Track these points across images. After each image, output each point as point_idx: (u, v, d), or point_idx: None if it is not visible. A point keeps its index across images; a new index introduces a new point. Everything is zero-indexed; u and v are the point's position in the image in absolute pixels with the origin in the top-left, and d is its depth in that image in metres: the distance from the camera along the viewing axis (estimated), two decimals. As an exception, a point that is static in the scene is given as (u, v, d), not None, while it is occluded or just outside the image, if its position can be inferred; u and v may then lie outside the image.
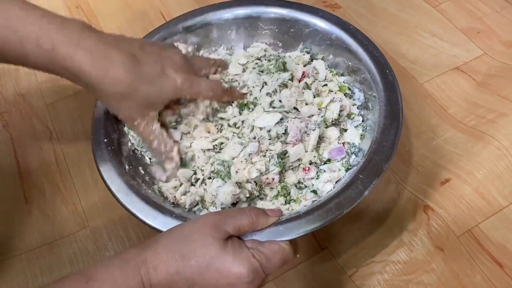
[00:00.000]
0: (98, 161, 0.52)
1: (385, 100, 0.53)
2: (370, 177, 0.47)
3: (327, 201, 0.47)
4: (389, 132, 0.51)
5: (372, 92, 0.56)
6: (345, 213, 0.46)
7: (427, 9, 0.78)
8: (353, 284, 0.53)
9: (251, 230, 0.44)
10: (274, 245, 0.43)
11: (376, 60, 0.57)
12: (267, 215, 0.45)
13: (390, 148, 0.49)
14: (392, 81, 0.55)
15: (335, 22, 0.61)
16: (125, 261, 0.39)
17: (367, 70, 0.57)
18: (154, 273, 0.39)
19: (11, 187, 0.64)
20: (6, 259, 0.58)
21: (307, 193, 0.52)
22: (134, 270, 0.38)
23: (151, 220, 0.47)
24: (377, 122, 0.53)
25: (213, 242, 0.40)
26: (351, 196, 0.46)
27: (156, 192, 0.53)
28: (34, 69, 0.48)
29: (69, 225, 0.60)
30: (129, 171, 0.53)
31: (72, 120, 0.70)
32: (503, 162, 0.60)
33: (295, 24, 0.63)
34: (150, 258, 0.39)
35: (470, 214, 0.56)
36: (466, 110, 0.65)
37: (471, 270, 0.53)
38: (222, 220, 0.42)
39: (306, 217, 0.45)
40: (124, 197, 0.49)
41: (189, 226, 0.42)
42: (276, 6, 0.63)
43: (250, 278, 0.40)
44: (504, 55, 0.70)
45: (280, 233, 0.44)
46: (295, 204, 0.52)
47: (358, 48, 0.58)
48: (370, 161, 0.49)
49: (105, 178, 0.50)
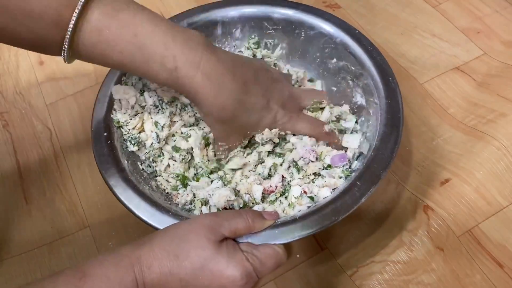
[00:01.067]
0: (97, 156, 0.52)
1: (386, 107, 0.53)
2: (367, 185, 0.47)
3: (324, 206, 0.47)
4: (389, 139, 0.50)
5: (373, 99, 0.56)
6: (341, 219, 0.46)
7: (427, 9, 0.78)
8: (353, 284, 0.53)
9: (247, 233, 0.44)
10: (268, 248, 0.43)
11: (380, 66, 0.56)
12: (263, 219, 0.45)
13: (389, 157, 0.49)
14: (394, 88, 0.54)
15: (340, 26, 0.60)
16: (119, 258, 0.39)
17: (370, 76, 0.57)
18: (147, 271, 0.39)
19: (11, 187, 0.64)
20: (6, 259, 0.58)
21: (303, 198, 0.52)
22: (128, 268, 0.38)
23: (147, 217, 0.47)
24: (377, 129, 0.52)
25: (207, 244, 0.40)
26: (348, 203, 0.46)
27: (154, 188, 0.53)
28: (150, 80, 0.51)
29: (69, 225, 0.60)
30: (128, 167, 0.53)
31: (72, 120, 0.70)
32: (503, 162, 0.60)
33: (300, 26, 0.62)
34: (144, 256, 0.39)
35: (470, 214, 0.56)
36: (466, 110, 0.65)
37: (471, 270, 0.53)
38: (218, 222, 0.42)
39: (302, 221, 0.45)
40: (122, 192, 0.49)
41: (185, 226, 0.42)
42: (282, 6, 0.63)
43: (243, 281, 0.40)
44: (504, 55, 0.70)
45: (275, 236, 0.44)
46: (289, 209, 0.51)
47: (362, 54, 0.58)
48: (368, 168, 0.49)
49: (105, 176, 0.50)
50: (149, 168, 0.56)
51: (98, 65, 0.48)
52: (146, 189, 0.51)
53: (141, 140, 0.56)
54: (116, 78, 0.58)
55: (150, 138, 0.56)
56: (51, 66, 0.76)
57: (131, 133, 0.56)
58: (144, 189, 0.51)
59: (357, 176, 0.49)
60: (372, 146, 0.52)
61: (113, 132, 0.55)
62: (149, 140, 0.56)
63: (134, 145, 0.55)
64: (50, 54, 0.47)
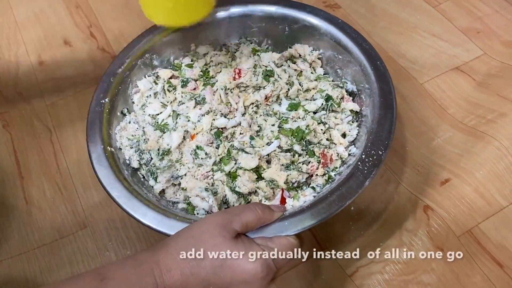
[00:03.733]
0: (94, 162, 0.52)
1: (378, 91, 0.54)
2: (370, 168, 0.48)
3: (329, 193, 0.47)
4: (385, 122, 0.51)
5: (364, 84, 0.56)
6: (348, 204, 0.46)
7: (427, 9, 0.78)
8: (353, 284, 0.53)
9: (258, 225, 0.44)
10: (282, 239, 0.44)
11: (367, 52, 0.57)
12: (272, 210, 0.45)
13: (387, 137, 0.50)
14: (383, 72, 0.55)
15: (323, 17, 0.61)
16: (138, 262, 0.40)
17: (358, 63, 0.57)
18: (168, 274, 0.39)
19: (11, 187, 0.64)
20: (6, 259, 0.58)
21: (306, 189, 0.53)
22: (147, 271, 0.39)
23: (149, 221, 0.48)
24: (372, 113, 0.53)
25: (223, 242, 0.40)
26: (353, 187, 0.47)
27: (157, 196, 0.53)
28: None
29: (69, 225, 0.60)
30: (124, 171, 0.53)
31: (72, 120, 0.70)
32: (503, 162, 0.59)
33: (283, 21, 0.63)
34: (163, 260, 0.40)
35: (470, 214, 0.56)
36: (466, 110, 0.65)
37: (471, 270, 0.53)
38: (229, 218, 0.42)
39: (310, 210, 0.46)
40: (121, 197, 0.49)
41: (197, 227, 0.42)
42: (264, 3, 0.63)
43: (264, 273, 0.40)
44: (504, 55, 0.70)
45: (286, 227, 0.45)
46: (295, 201, 0.52)
47: (348, 42, 0.59)
48: (368, 151, 0.49)
49: (102, 181, 0.51)
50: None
51: (98, 65, 0.48)
52: (150, 196, 0.51)
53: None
54: (102, 92, 0.58)
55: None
56: (51, 66, 0.76)
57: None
58: (148, 196, 0.51)
59: (358, 160, 0.49)
60: (369, 130, 0.52)
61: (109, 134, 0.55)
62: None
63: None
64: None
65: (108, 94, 0.58)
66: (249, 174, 0.53)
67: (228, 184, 0.53)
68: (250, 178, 0.52)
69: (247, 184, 0.52)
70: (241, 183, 0.52)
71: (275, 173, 0.53)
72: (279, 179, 0.52)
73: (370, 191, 0.59)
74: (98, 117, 0.56)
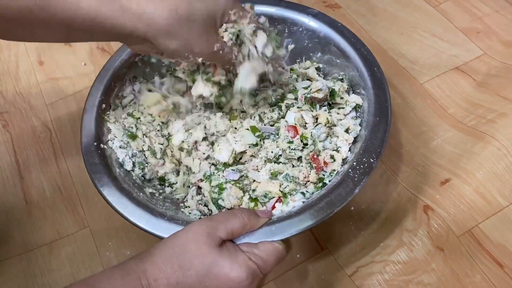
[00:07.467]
0: (89, 166, 0.52)
1: (374, 97, 0.54)
2: (360, 175, 0.47)
3: (318, 200, 0.47)
4: (378, 129, 0.51)
5: (361, 90, 0.56)
6: (336, 211, 0.46)
7: (427, 9, 0.78)
8: (353, 284, 0.53)
9: (243, 232, 0.44)
10: (268, 245, 0.43)
11: (364, 57, 0.57)
12: (258, 216, 0.45)
13: (380, 146, 0.49)
14: (380, 78, 0.55)
15: (323, 20, 0.61)
16: (126, 272, 0.40)
17: (355, 68, 0.57)
18: (154, 284, 0.39)
19: (11, 187, 0.64)
20: (6, 259, 0.58)
21: (296, 194, 0.52)
22: (135, 281, 0.39)
23: (143, 223, 0.48)
24: (366, 119, 0.53)
25: (208, 250, 0.40)
26: (342, 195, 0.46)
27: (148, 195, 0.53)
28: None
29: (69, 225, 0.60)
30: (119, 174, 0.53)
31: (72, 120, 0.70)
32: (503, 162, 0.59)
33: (283, 23, 0.63)
34: (149, 269, 0.40)
35: (470, 214, 0.56)
36: (466, 110, 0.65)
37: (471, 270, 0.53)
38: (214, 226, 0.42)
39: (298, 216, 0.45)
40: (116, 201, 0.50)
41: (182, 236, 0.42)
42: (264, 4, 0.63)
43: (249, 281, 0.40)
44: (504, 55, 0.70)
45: (273, 233, 0.44)
46: (284, 206, 0.52)
47: (346, 46, 0.58)
48: (360, 159, 0.49)
49: (101, 190, 0.51)
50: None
51: (98, 66, 0.48)
52: (141, 196, 0.51)
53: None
54: (102, 87, 0.58)
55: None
56: (51, 66, 0.76)
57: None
58: (138, 196, 0.51)
59: (350, 168, 0.49)
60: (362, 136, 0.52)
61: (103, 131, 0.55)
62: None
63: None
64: None
65: (104, 91, 0.58)
66: (235, 190, 0.52)
67: (212, 195, 0.53)
68: (235, 194, 0.52)
69: (231, 200, 0.52)
70: (227, 197, 0.52)
71: (266, 186, 0.52)
72: (272, 189, 0.52)
73: (370, 191, 0.59)
74: (94, 116, 0.56)
